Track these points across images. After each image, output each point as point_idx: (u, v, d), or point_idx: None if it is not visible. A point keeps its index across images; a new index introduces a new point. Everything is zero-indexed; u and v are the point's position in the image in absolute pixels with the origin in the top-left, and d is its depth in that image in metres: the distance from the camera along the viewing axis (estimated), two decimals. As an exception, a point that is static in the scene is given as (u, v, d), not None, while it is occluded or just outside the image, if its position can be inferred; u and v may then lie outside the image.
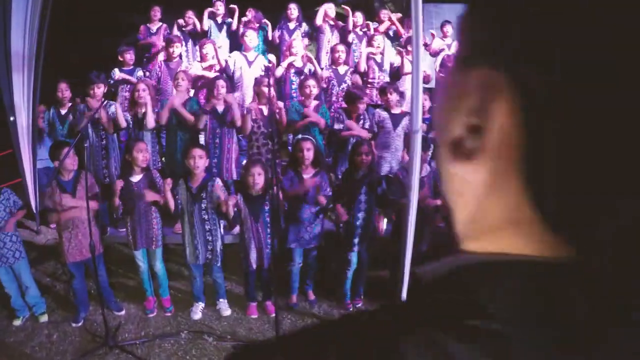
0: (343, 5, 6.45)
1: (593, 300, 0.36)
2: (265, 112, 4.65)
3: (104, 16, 7.65)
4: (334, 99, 5.54)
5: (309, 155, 4.08)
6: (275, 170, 3.43)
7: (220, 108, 4.79)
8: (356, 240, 4.31)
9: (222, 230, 4.33)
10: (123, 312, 4.47)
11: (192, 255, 4.23)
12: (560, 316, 0.35)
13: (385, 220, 4.96)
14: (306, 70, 5.56)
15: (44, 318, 4.42)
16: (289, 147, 5.04)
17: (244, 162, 4.94)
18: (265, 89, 4.66)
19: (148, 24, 6.36)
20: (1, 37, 5.08)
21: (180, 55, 5.87)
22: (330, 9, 6.25)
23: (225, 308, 4.41)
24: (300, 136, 4.28)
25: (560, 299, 0.36)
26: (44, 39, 5.14)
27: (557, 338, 0.35)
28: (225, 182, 4.62)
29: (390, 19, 6.42)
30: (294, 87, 5.50)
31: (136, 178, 4.21)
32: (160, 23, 6.35)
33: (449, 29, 6.53)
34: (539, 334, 0.35)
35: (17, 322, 4.37)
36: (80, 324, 4.32)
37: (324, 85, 5.53)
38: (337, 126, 4.81)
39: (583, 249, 0.38)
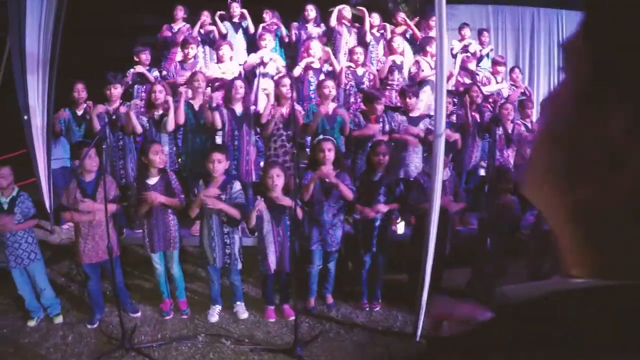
0: (358, 7, 6.41)
1: None
2: (285, 113, 4.61)
3: (105, 18, 7.64)
4: (352, 100, 5.52)
5: (330, 155, 4.04)
6: (296, 172, 3.40)
7: (238, 110, 4.76)
8: (374, 242, 4.28)
9: (240, 232, 4.31)
10: (139, 314, 4.45)
11: (210, 258, 4.19)
12: None
13: (403, 223, 4.92)
14: (324, 70, 5.54)
15: (59, 319, 4.38)
16: (307, 149, 5.00)
17: (262, 163, 4.93)
18: (284, 89, 4.64)
19: (172, 24, 6.34)
20: (16, 38, 5.09)
21: (195, 57, 5.86)
22: (345, 10, 6.22)
23: (242, 311, 4.38)
24: (321, 137, 4.25)
25: None
26: (59, 41, 5.14)
27: None
28: (245, 184, 4.58)
29: (406, 22, 6.39)
30: (312, 88, 5.48)
31: (153, 180, 4.18)
32: (184, 23, 6.33)
33: (467, 32, 6.51)
34: None
35: (31, 323, 4.34)
36: (95, 325, 4.29)
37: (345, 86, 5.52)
38: (354, 129, 4.79)
39: None
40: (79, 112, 5.17)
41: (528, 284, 0.47)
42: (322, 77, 5.48)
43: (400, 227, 4.94)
